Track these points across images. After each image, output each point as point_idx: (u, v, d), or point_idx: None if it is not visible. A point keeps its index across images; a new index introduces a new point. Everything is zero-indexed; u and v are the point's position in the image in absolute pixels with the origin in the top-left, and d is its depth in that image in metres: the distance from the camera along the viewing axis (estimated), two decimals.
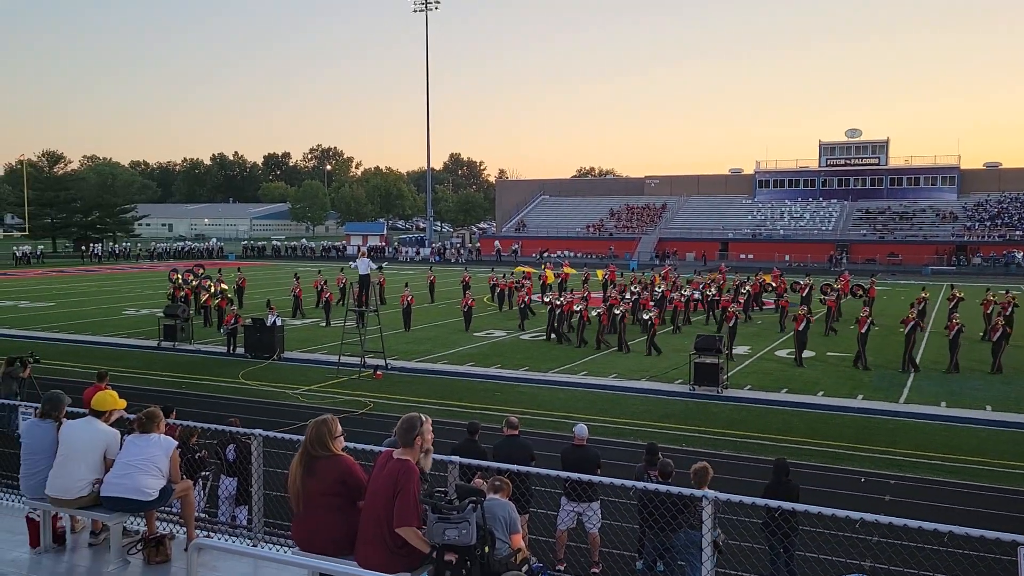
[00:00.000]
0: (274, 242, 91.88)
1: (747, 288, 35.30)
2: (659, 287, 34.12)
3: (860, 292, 36.81)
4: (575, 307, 27.49)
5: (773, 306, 33.51)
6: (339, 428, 5.33)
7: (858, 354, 23.29)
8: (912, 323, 22.88)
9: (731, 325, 25.51)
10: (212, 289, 32.54)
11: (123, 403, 6.77)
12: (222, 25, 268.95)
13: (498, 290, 37.08)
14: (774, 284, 36.76)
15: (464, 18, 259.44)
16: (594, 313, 27.74)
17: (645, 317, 26.71)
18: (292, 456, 5.30)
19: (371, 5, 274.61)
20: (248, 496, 7.99)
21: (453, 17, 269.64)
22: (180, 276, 36.55)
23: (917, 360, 23.27)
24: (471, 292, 32.44)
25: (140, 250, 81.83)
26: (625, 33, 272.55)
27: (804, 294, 32.64)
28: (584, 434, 10.18)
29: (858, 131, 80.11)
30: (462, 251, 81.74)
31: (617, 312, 26.31)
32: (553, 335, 27.76)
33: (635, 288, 32.86)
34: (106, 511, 6.08)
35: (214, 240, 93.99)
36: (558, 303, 28.13)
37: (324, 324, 31.36)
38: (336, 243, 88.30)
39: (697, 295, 33.33)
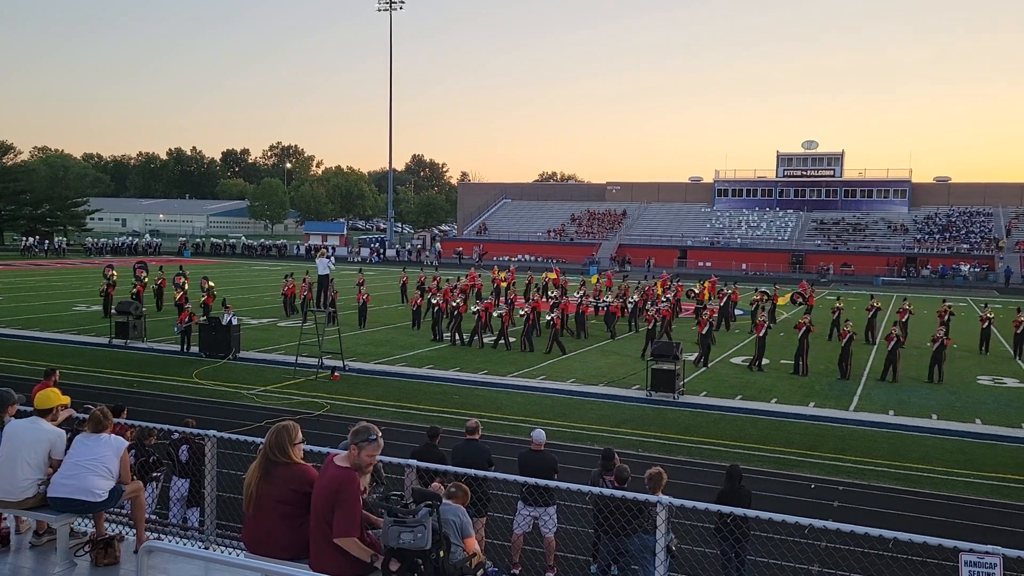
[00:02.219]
0: (212, 239, 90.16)
1: (670, 295, 35.86)
2: (579, 292, 34.34)
3: (800, 300, 38.03)
4: (471, 309, 27.96)
5: (693, 313, 34.52)
6: (300, 435, 5.29)
7: (754, 357, 24.50)
8: (804, 328, 24.30)
9: (649, 328, 26.63)
10: (186, 286, 32.07)
11: (66, 399, 6.63)
12: (179, 17, 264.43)
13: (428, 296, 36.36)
14: (696, 290, 37.38)
15: (429, 19, 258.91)
16: (496, 314, 28.01)
17: (548, 318, 27.36)
18: (247, 457, 5.25)
19: (335, 2, 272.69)
20: (200, 498, 7.87)
21: (417, 17, 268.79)
22: (116, 273, 35.78)
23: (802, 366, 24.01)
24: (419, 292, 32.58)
25: (67, 245, 79.61)
26: (589, 39, 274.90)
27: (723, 302, 33.75)
28: (542, 439, 10.22)
29: (815, 142, 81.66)
30: (424, 252, 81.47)
31: (522, 313, 26.58)
32: (445, 336, 28.11)
33: (554, 292, 33.13)
34: (53, 512, 5.96)
35: (147, 236, 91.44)
36: (454, 304, 28.53)
37: (303, 322, 31.07)
38: (277, 242, 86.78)
39: (608, 301, 33.79)
